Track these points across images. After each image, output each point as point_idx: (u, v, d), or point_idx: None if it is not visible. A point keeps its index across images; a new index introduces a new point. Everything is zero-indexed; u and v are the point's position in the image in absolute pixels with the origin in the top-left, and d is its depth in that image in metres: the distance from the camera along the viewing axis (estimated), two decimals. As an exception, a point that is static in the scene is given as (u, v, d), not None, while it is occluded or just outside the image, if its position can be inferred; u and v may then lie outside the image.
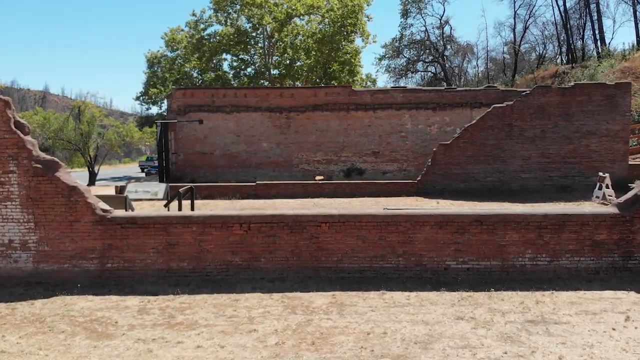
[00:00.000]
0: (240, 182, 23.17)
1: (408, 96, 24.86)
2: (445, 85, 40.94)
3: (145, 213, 8.59)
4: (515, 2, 48.69)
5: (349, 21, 34.42)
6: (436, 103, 24.68)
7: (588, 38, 43.08)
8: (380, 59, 50.22)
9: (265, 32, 36.81)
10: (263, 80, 37.53)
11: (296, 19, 37.59)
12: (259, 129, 24.88)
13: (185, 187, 13.02)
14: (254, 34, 36.71)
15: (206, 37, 35.89)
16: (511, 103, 19.42)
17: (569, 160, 19.43)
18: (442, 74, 49.08)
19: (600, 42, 39.55)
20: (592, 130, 19.37)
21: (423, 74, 53.66)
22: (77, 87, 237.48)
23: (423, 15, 48.47)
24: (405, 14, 48.23)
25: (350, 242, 8.42)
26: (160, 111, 37.59)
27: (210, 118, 24.81)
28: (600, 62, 33.18)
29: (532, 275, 8.40)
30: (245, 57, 38.33)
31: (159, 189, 13.98)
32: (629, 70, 30.37)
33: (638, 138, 25.30)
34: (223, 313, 7.01)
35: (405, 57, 50.74)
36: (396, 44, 49.58)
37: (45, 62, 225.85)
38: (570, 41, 41.50)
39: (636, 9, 39.01)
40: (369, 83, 41.68)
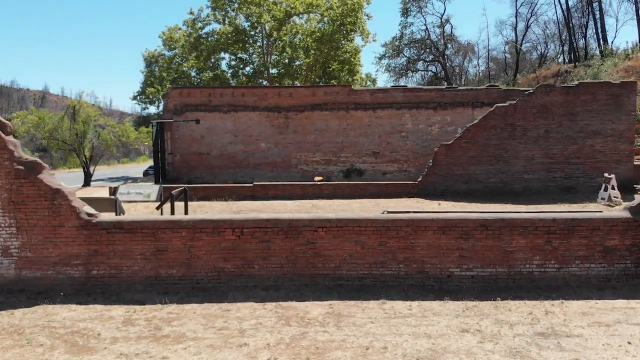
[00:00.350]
0: (238, 183, 22.81)
1: (408, 95, 24.44)
2: (445, 84, 40.48)
3: (132, 217, 8.17)
4: (516, 1, 48.32)
5: (348, 20, 33.98)
6: (437, 102, 24.26)
7: (590, 37, 42.71)
8: (380, 58, 49.79)
9: (263, 31, 36.38)
10: (262, 80, 37.10)
11: (295, 18, 37.17)
12: (256, 129, 24.45)
13: (178, 189, 12.60)
14: (252, 32, 36.28)
15: (204, 36, 35.44)
16: (514, 102, 19.01)
17: (573, 161, 19.01)
18: (443, 74, 48.61)
19: (603, 41, 39.12)
20: (597, 130, 18.95)
21: (423, 73, 53.25)
22: (77, 87, 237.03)
23: (423, 13, 48.09)
24: (405, 13, 47.77)
25: (349, 248, 8.00)
26: (158, 111, 37.24)
27: (207, 118, 24.39)
28: (603, 61, 32.75)
29: (540, 283, 7.98)
30: (244, 56, 37.92)
31: (151, 191, 13.55)
32: (632, 69, 29.94)
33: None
34: (213, 325, 6.59)
35: (405, 56, 50.31)
36: (396, 43, 49.10)
37: (44, 62, 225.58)
38: (573, 40, 41.05)
39: (639, 7, 38.58)
40: (368, 83, 41.27)
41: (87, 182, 26.57)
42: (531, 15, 46.55)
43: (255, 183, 19.47)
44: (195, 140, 24.40)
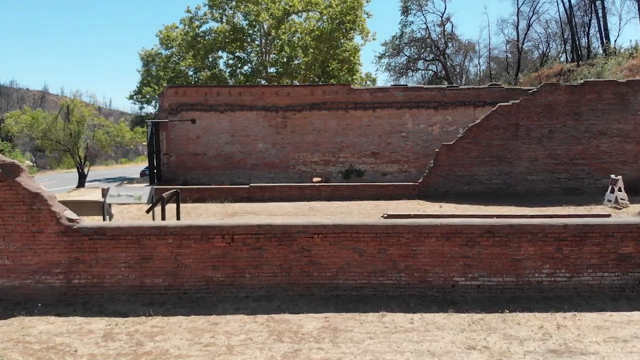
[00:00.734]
0: (235, 184, 22.37)
1: (409, 94, 23.94)
2: (446, 84, 39.95)
3: (115, 223, 7.68)
4: (518, -1, 47.65)
5: (347, 18, 33.48)
6: (438, 102, 23.76)
7: (592, 35, 42.19)
8: (380, 57, 49.25)
9: (262, 30, 35.88)
10: (260, 79, 36.60)
11: (294, 16, 36.67)
12: (254, 129, 23.95)
13: (170, 191, 12.11)
14: (250, 31, 35.77)
15: (201, 35, 34.92)
16: (517, 102, 18.52)
17: (578, 162, 18.52)
18: (444, 73, 48.05)
19: (605, 40, 38.62)
20: (603, 130, 18.46)
21: (424, 72, 52.68)
22: (77, 87, 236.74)
23: (424, 12, 47.52)
24: (405, 11, 47.20)
25: (346, 256, 7.51)
26: (155, 110, 36.64)
27: (204, 117, 23.89)
28: (607, 60, 32.24)
29: (550, 293, 7.49)
30: (242, 55, 37.40)
31: (142, 193, 13.01)
32: (636, 68, 29.43)
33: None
34: (199, 340, 6.10)
35: (405, 55, 49.75)
36: (396, 42, 48.53)
37: (44, 62, 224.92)
38: (576, 38, 40.52)
39: (642, 5, 38.05)
40: (368, 82, 40.76)
41: (82, 183, 26.06)
42: (533, 14, 46.10)
43: (251, 184, 18.99)
44: (191, 141, 23.90)
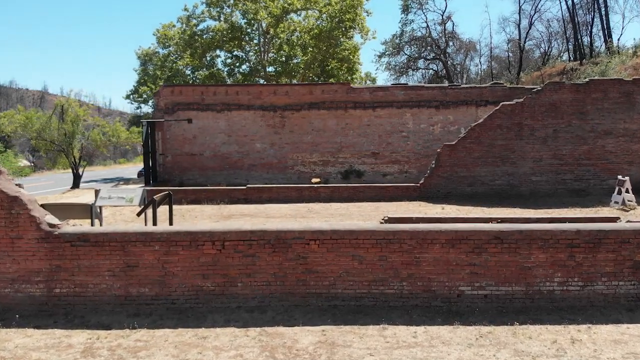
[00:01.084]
0: (232, 185, 21.92)
1: (409, 94, 23.48)
2: (447, 83, 39.48)
3: (100, 228, 7.22)
4: (519, -3, 47.08)
5: (347, 16, 33.00)
6: (439, 101, 23.29)
7: (595, 34, 41.73)
8: (380, 56, 48.72)
9: (260, 28, 35.41)
10: (258, 78, 36.13)
11: (293, 15, 36.19)
12: (251, 129, 23.49)
13: (162, 193, 11.65)
14: (248, 29, 35.30)
15: (198, 33, 34.45)
16: (521, 100, 18.06)
17: (584, 162, 18.07)
18: (444, 72, 47.56)
19: (608, 38, 38.15)
20: (608, 129, 18.01)
21: (424, 71, 52.18)
22: (76, 87, 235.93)
23: (424, 10, 47.01)
24: (406, 10, 46.70)
25: (345, 264, 7.05)
26: (153, 110, 36.11)
27: (200, 117, 23.42)
28: (610, 58, 31.77)
29: (562, 303, 7.04)
30: (240, 54, 36.92)
31: (134, 195, 12.54)
32: (641, 67, 29.01)
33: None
34: (185, 357, 5.64)
35: (405, 54, 49.23)
36: (396, 41, 48.04)
37: (43, 62, 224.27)
38: (578, 37, 40.06)
39: (645, 3, 37.58)
40: (368, 82, 40.29)
41: (76, 184, 25.59)
42: (535, 12, 45.57)
43: (248, 186, 18.53)
44: (188, 141, 23.44)
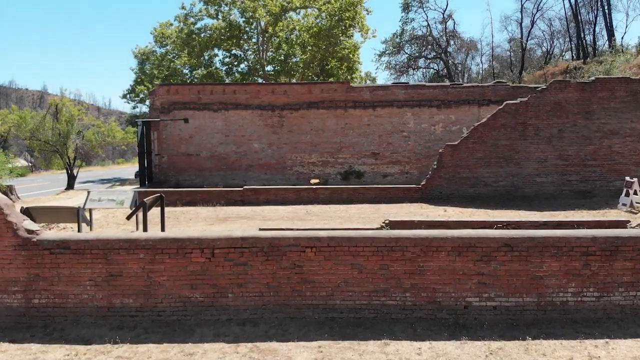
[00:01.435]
0: (229, 186, 21.47)
1: (410, 93, 22.98)
2: (448, 82, 38.96)
3: (81, 235, 6.74)
4: (522, -5, 46.35)
5: (347, 14, 32.48)
6: (441, 100, 22.80)
7: (598, 33, 41.21)
8: (380, 55, 48.21)
9: (259, 27, 34.91)
10: (257, 77, 35.63)
11: (292, 14, 35.70)
12: (249, 129, 23.00)
13: (153, 196, 11.17)
14: (247, 28, 34.79)
15: (196, 32, 33.93)
16: (525, 99, 17.59)
17: (589, 163, 17.59)
18: (445, 71, 47.03)
19: (612, 37, 37.66)
20: (615, 129, 17.54)
21: (425, 71, 51.62)
22: (76, 87, 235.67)
23: (425, 9, 46.42)
24: (406, 8, 46.15)
25: (343, 273, 6.58)
26: (149, 109, 35.57)
27: (197, 116, 22.93)
28: (616, 57, 31.27)
29: (577, 315, 6.56)
30: (238, 53, 36.42)
31: (125, 197, 12.08)
32: (645, 66, 28.51)
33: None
34: (168, 377, 5.17)
35: (406, 54, 48.69)
36: (397, 40, 47.50)
37: (43, 62, 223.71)
38: (582, 36, 39.53)
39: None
40: (368, 81, 39.79)
41: (71, 185, 25.09)
42: (537, 11, 45.04)
43: (245, 187, 18.06)
44: (184, 141, 22.95)
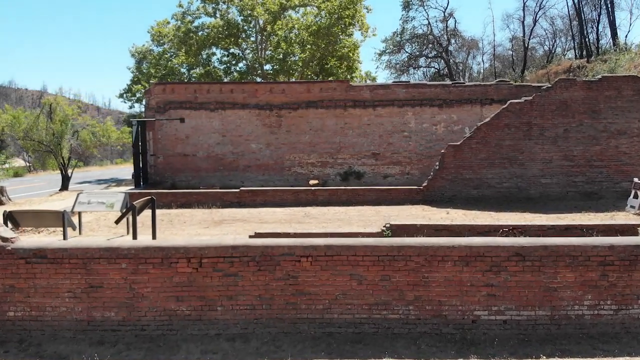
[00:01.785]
0: (226, 187, 21.03)
1: (411, 92, 22.50)
2: (449, 81, 38.48)
3: (59, 243, 6.27)
4: (524, -7, 45.77)
5: (346, 13, 31.99)
6: (442, 99, 22.31)
7: (601, 31, 40.71)
8: (380, 54, 47.61)
9: (257, 25, 34.42)
10: (255, 77, 35.14)
11: (291, 12, 35.21)
12: (246, 128, 22.52)
13: (143, 199, 10.70)
14: (245, 26, 34.30)
15: (193, 30, 33.44)
16: (530, 98, 17.10)
17: (596, 164, 17.11)
18: (446, 70, 46.48)
19: (615, 36, 37.17)
20: (622, 129, 17.05)
21: (426, 70, 51.08)
22: (75, 87, 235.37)
23: (426, 7, 45.82)
24: (406, 6, 45.54)
25: (342, 284, 6.11)
26: (144, 109, 35.06)
27: (193, 116, 22.45)
28: (619, 56, 30.78)
29: (593, 330, 6.09)
30: (236, 52, 35.92)
31: (115, 200, 11.61)
32: (650, 64, 28.05)
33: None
34: (149, 401, 4.69)
35: (406, 53, 48.13)
36: (397, 38, 46.94)
37: (43, 62, 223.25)
38: (586, 34, 39.03)
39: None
40: (368, 81, 39.27)
41: (65, 186, 24.60)
42: (539, 9, 44.50)
43: (242, 188, 17.57)
44: (180, 141, 22.46)
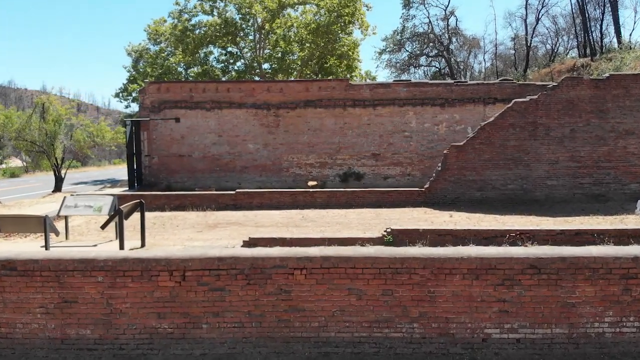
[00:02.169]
0: (223, 188, 20.50)
1: (412, 91, 21.95)
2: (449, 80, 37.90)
3: (29, 254, 5.73)
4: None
5: (346, 10, 31.45)
6: (444, 99, 21.77)
7: (604, 30, 40.17)
8: (380, 53, 47.05)
9: (255, 23, 33.87)
10: (253, 76, 34.59)
11: (290, 11, 34.66)
12: (243, 128, 21.98)
13: (131, 202, 10.17)
14: (243, 25, 33.76)
15: (190, 28, 32.90)
16: (535, 97, 16.57)
17: (603, 165, 16.58)
18: (447, 69, 45.91)
19: (619, 34, 36.67)
20: (631, 129, 16.52)
21: (426, 69, 50.52)
22: (75, 87, 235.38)
23: (426, 5, 45.18)
24: (407, 4, 44.99)
25: (339, 299, 5.57)
26: (139, 108, 34.48)
27: (189, 116, 21.91)
28: (624, 54, 30.23)
29: (614, 349, 5.56)
30: (234, 50, 35.38)
31: (103, 203, 11.08)
32: (656, 63, 27.51)
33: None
34: None
35: (407, 51, 47.56)
36: (397, 37, 46.35)
37: (43, 62, 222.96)
38: (589, 32, 38.46)
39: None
40: (368, 80, 38.74)
41: (58, 187, 24.08)
42: (542, 7, 43.92)
43: (237, 190, 17.05)
44: (175, 141, 21.91)
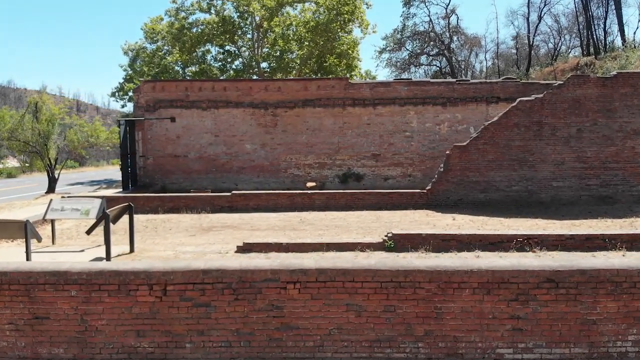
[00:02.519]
0: (219, 189, 20.08)
1: (413, 90, 21.46)
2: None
3: (-4, 266, 5.23)
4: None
5: (345, 8, 30.96)
6: (446, 98, 21.28)
7: (608, 29, 39.73)
8: (380, 52, 46.61)
9: (253, 22, 33.39)
10: (251, 75, 34.12)
11: (289, 9, 34.19)
12: (240, 128, 21.49)
13: (119, 206, 9.68)
14: (241, 23, 33.29)
15: (187, 26, 32.43)
16: (540, 96, 16.09)
17: (611, 166, 16.10)
18: (448, 68, 45.45)
19: (622, 32, 36.23)
20: (638, 129, 16.05)
21: (427, 68, 50.05)
22: (75, 87, 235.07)
23: (427, 3, 44.76)
24: (407, 3, 44.54)
25: (337, 316, 5.07)
26: (133, 108, 34.00)
27: (184, 115, 21.42)
28: (631, 52, 29.75)
29: (640, 370, 5.06)
30: (232, 49, 34.90)
31: (91, 207, 10.58)
32: (661, 62, 27.03)
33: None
34: None
35: (407, 50, 47.13)
36: (398, 36, 45.90)
37: (42, 62, 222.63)
38: (593, 30, 37.99)
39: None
40: (368, 80, 38.27)
41: (52, 188, 23.58)
42: (544, 5, 43.49)
43: (233, 192, 16.56)
44: (171, 141, 21.42)
